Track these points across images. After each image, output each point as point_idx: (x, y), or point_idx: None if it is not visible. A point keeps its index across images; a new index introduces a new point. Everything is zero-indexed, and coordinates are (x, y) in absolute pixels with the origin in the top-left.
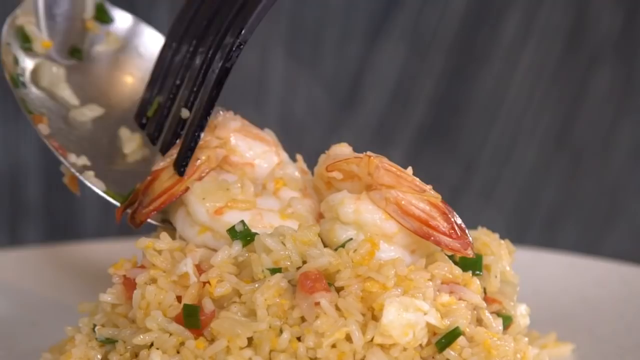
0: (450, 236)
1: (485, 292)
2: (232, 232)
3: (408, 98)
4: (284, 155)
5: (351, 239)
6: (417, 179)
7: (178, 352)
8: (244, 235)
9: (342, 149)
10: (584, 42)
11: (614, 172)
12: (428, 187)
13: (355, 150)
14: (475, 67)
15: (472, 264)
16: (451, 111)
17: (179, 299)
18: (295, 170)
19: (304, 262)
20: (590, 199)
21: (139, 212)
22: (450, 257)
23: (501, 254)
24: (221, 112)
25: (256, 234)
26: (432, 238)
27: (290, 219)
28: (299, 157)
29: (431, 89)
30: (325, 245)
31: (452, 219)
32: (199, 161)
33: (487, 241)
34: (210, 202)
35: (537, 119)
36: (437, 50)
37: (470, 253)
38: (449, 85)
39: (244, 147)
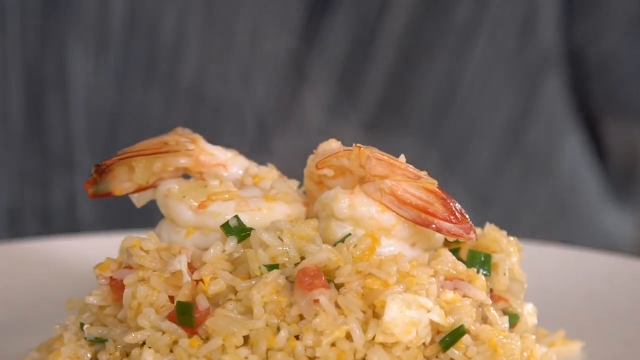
0: (450, 221)
1: (491, 290)
2: (227, 227)
3: (352, 95)
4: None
5: (349, 234)
6: (411, 165)
7: (171, 351)
8: (238, 230)
9: (331, 145)
10: (534, 41)
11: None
12: (423, 173)
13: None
14: (424, 61)
15: (481, 263)
16: (398, 106)
17: (171, 299)
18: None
19: (302, 258)
20: (544, 197)
21: (106, 161)
22: (455, 254)
23: (510, 251)
24: (179, 129)
25: (252, 229)
26: (433, 225)
27: (276, 201)
28: (270, 165)
29: (378, 84)
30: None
31: (451, 204)
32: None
33: (496, 237)
34: (191, 199)
35: (492, 114)
36: (383, 42)
37: (473, 237)
38: (397, 78)
39: (214, 149)
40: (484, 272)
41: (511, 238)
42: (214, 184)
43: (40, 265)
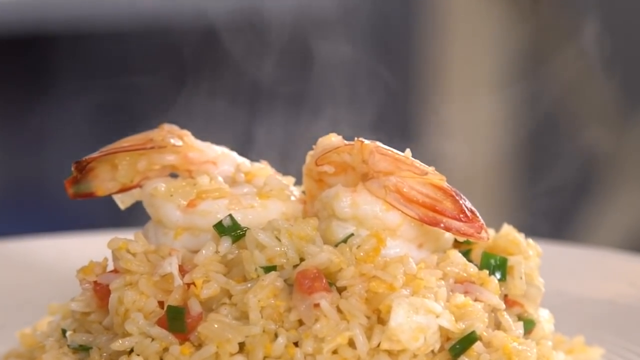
0: (460, 220)
1: (506, 295)
2: (220, 227)
3: None
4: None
5: (352, 234)
6: (417, 160)
7: (161, 359)
8: (232, 230)
9: (331, 140)
10: None
11: None
12: (430, 169)
13: None
14: None
15: (495, 267)
16: None
17: (161, 305)
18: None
19: (302, 260)
20: None
21: (87, 157)
22: (466, 255)
23: (528, 255)
24: (166, 126)
25: (247, 228)
26: (442, 224)
27: (271, 198)
28: (264, 162)
29: None
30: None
31: (461, 202)
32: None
33: (515, 239)
34: (179, 197)
35: None
36: None
37: (484, 236)
38: None
39: (203, 146)
40: (499, 278)
41: (530, 241)
42: (203, 182)
43: (19, 266)
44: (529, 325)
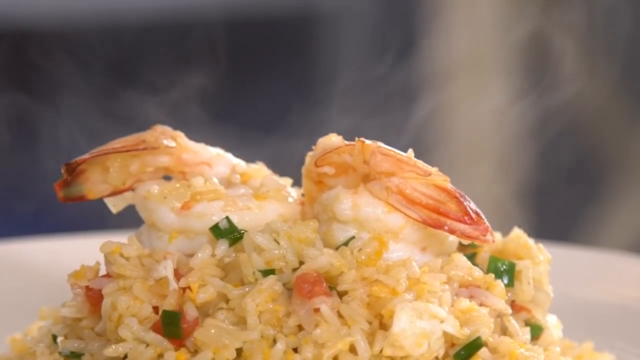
0: (464, 222)
1: (513, 301)
2: (216, 230)
3: None
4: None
5: (353, 237)
6: (420, 161)
7: None
8: (229, 232)
9: (332, 140)
10: None
11: None
12: (434, 170)
13: None
14: None
15: (503, 272)
16: None
17: (155, 310)
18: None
19: (301, 263)
20: None
21: (77, 159)
22: (470, 259)
23: (538, 260)
24: (159, 126)
25: (245, 231)
26: (446, 227)
27: (268, 199)
28: (260, 163)
29: None
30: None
31: (465, 203)
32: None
33: (526, 243)
34: (173, 199)
35: None
36: None
37: (489, 239)
38: None
39: (197, 147)
40: (506, 283)
41: (540, 245)
42: (197, 183)
43: (9, 269)
44: (536, 331)
